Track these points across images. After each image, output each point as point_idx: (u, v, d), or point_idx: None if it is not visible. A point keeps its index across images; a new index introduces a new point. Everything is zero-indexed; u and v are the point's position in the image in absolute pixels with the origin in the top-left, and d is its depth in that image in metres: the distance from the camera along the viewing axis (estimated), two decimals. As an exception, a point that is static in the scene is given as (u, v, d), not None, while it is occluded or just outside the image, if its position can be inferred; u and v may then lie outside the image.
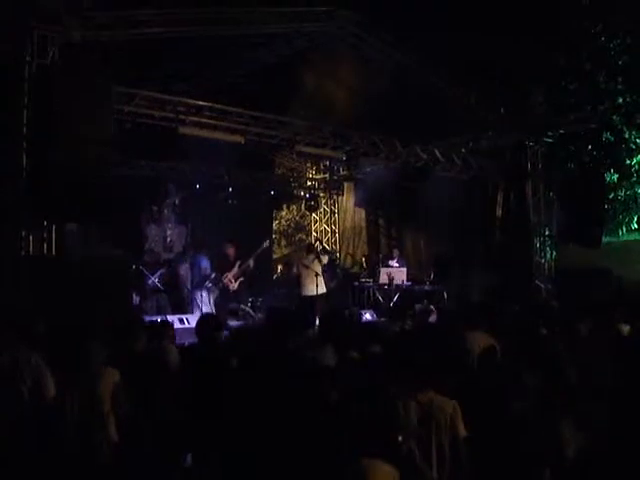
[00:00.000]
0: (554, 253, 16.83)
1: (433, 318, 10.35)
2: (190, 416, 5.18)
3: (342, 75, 15.36)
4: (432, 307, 13.42)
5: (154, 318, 11.06)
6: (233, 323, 12.92)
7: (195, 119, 12.80)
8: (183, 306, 14.60)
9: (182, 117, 12.59)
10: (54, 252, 9.83)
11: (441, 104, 14.74)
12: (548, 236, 16.68)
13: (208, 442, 4.90)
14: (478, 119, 15.66)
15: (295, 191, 20.90)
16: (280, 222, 21.70)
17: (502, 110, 15.96)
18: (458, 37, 13.36)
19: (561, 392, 4.55)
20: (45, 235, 9.82)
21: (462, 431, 4.39)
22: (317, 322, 8.76)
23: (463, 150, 16.66)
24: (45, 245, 9.81)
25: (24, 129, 9.47)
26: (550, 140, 16.27)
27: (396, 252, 17.77)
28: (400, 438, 3.89)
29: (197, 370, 5.78)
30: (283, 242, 21.76)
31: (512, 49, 14.44)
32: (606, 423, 4.32)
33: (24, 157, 9.36)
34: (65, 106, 9.27)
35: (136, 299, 13.92)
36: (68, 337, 6.40)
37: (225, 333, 7.37)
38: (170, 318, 12.08)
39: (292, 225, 21.84)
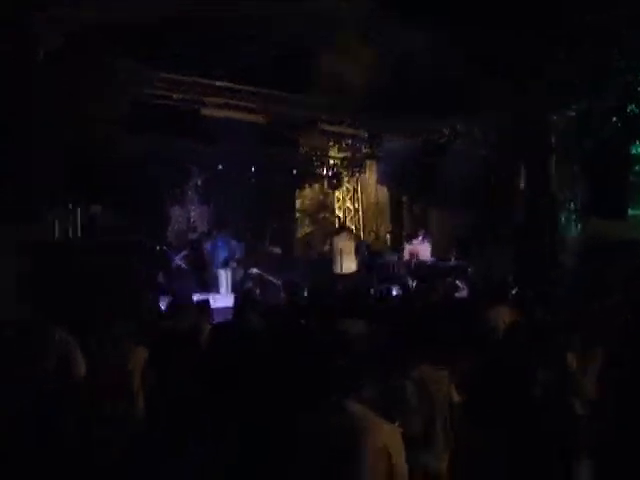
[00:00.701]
0: (579, 227, 16.70)
1: (462, 293, 10.40)
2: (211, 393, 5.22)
3: (361, 55, 15.31)
4: (458, 283, 13.49)
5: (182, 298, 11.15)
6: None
7: (215, 100, 12.80)
8: (208, 286, 14.71)
9: (202, 98, 12.60)
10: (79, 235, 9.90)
11: (461, 78, 14.66)
12: (572, 210, 16.54)
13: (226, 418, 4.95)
14: (499, 93, 15.54)
15: (318, 170, 20.87)
16: (303, 201, 21.69)
17: (524, 85, 15.82)
18: (477, 14, 13.25)
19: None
20: (70, 219, 9.91)
21: (455, 397, 4.45)
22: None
23: (484, 125, 16.56)
24: (71, 229, 9.88)
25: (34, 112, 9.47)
26: (573, 113, 16.11)
27: (421, 231, 17.74)
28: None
29: (228, 348, 5.82)
30: (306, 221, 21.76)
31: (536, 15, 14.30)
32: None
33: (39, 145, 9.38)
34: (74, 85, 9.28)
35: (162, 279, 14.08)
36: (97, 317, 6.50)
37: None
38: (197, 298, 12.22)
39: (315, 204, 21.82)
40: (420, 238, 17.16)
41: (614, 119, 16.15)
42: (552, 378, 4.42)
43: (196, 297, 10.95)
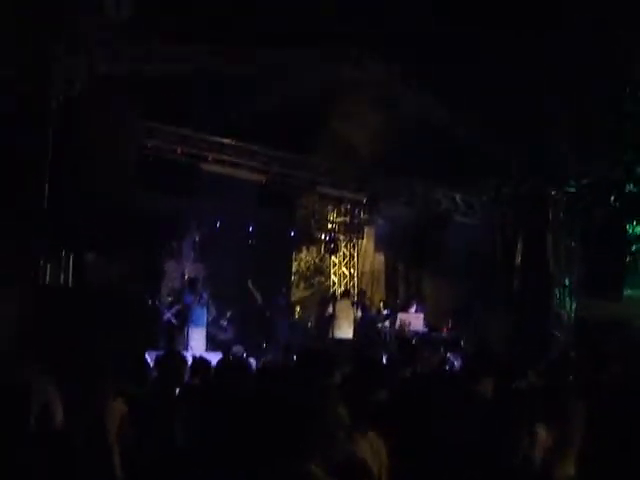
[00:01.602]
0: (573, 304, 16.65)
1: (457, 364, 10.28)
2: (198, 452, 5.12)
3: (365, 117, 15.43)
4: (449, 355, 13.36)
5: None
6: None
7: (217, 156, 12.84)
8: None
9: (205, 154, 12.62)
10: (71, 282, 9.84)
11: (463, 151, 14.79)
12: (568, 287, 16.51)
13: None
14: (500, 167, 15.66)
15: (315, 233, 20.86)
16: (299, 264, 21.64)
17: (526, 158, 15.94)
18: (481, 85, 13.39)
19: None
20: (63, 264, 9.86)
21: None
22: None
23: (484, 197, 16.65)
24: (62, 274, 9.83)
25: (47, 159, 9.54)
26: (572, 189, 16.19)
27: (413, 303, 17.66)
28: None
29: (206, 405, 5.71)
30: (302, 284, 21.67)
31: (537, 97, 14.45)
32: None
33: (46, 186, 9.40)
34: (89, 138, 9.35)
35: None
36: (81, 368, 6.39)
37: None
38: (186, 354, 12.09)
39: (311, 267, 21.76)
40: (413, 309, 17.07)
41: (612, 198, 16.24)
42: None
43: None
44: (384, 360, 13.82)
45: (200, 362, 7.14)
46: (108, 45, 10.29)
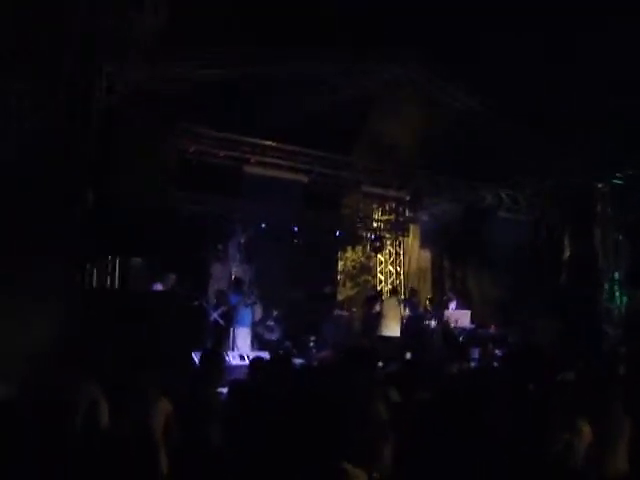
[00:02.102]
0: (624, 298, 16.43)
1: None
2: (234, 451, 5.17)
3: (407, 115, 15.40)
4: (497, 352, 13.31)
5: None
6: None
7: (259, 158, 12.92)
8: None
9: (247, 156, 12.71)
10: (117, 286, 9.99)
11: (506, 146, 14.70)
12: (617, 280, 16.30)
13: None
14: (544, 161, 15.53)
15: (361, 232, 20.88)
16: (345, 263, 21.66)
17: (570, 151, 15.77)
18: (522, 82, 13.29)
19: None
20: (109, 268, 10.01)
21: None
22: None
23: (529, 192, 16.53)
24: (109, 278, 9.99)
25: (92, 163, 9.69)
26: (619, 182, 15.98)
27: (453, 297, 17.63)
28: None
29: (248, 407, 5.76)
30: (348, 283, 21.70)
31: (582, 89, 14.29)
32: None
33: (90, 191, 9.55)
34: (130, 142, 9.48)
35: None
36: (127, 367, 6.51)
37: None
38: (231, 354, 12.24)
39: (357, 266, 21.78)
40: (453, 305, 17.04)
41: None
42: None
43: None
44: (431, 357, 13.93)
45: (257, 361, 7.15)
46: (148, 51, 10.41)
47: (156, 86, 10.90)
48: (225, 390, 6.30)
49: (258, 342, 14.95)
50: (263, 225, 18.11)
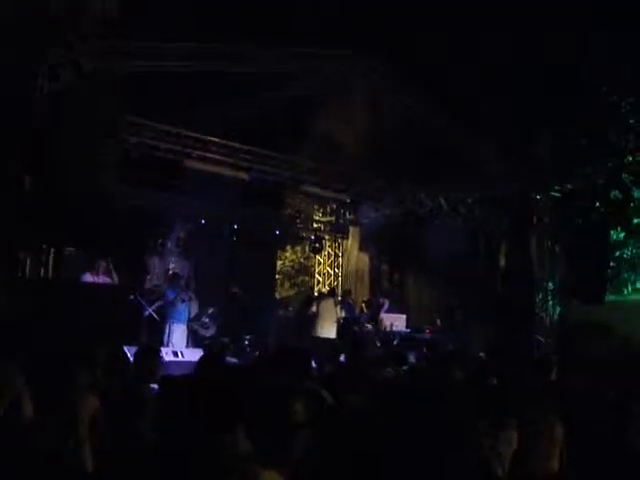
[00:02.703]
0: (557, 308, 16.70)
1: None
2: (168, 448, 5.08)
3: (350, 118, 15.43)
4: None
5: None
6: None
7: (201, 153, 12.78)
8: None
9: (188, 150, 12.56)
10: (50, 276, 9.80)
11: (448, 152, 14.83)
12: (551, 290, 16.56)
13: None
14: (485, 169, 15.70)
15: (300, 232, 20.88)
16: (284, 262, 21.65)
17: (511, 162, 15.97)
18: (469, 85, 13.42)
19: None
20: (43, 258, 9.82)
21: None
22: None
23: (469, 200, 16.70)
24: (42, 269, 9.79)
25: (29, 152, 9.49)
26: (557, 194, 16.23)
27: (385, 300, 17.70)
28: None
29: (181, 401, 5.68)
30: (287, 283, 21.69)
31: (525, 101, 14.50)
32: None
33: (27, 180, 9.35)
34: (72, 132, 9.30)
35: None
36: (55, 361, 6.36)
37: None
38: (164, 350, 12.07)
39: (296, 266, 21.77)
40: (385, 308, 17.13)
41: (597, 204, 16.30)
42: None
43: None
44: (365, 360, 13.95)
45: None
46: (93, 41, 10.25)
47: (101, 75, 10.74)
48: (156, 386, 6.22)
49: (193, 339, 14.80)
50: (203, 221, 17.97)
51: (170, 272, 17.24)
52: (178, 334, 14.20)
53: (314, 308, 15.47)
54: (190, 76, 12.00)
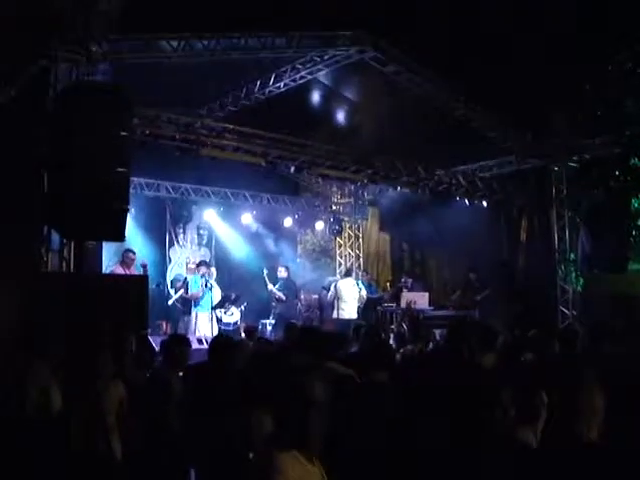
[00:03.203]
0: (580, 279, 16.63)
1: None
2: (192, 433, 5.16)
3: (364, 99, 15.44)
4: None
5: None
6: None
7: (216, 141, 12.80)
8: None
9: (203, 139, 12.59)
10: (72, 269, 9.89)
11: (464, 129, 14.80)
12: (573, 262, 16.49)
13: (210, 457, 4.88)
14: (502, 144, 15.65)
15: (320, 215, 20.91)
16: (305, 246, 21.67)
17: (527, 135, 15.89)
18: (482, 62, 13.34)
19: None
20: (65, 253, 9.91)
21: None
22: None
23: (487, 174, 16.65)
24: (64, 262, 9.89)
25: (46, 148, 9.55)
26: (575, 165, 16.13)
27: (407, 279, 17.71)
28: None
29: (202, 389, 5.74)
30: (308, 266, 21.72)
31: (539, 74, 14.38)
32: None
33: (45, 175, 9.41)
34: (85, 127, 9.33)
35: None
36: (80, 350, 6.46)
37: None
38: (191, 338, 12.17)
39: (317, 249, 21.79)
40: (408, 287, 17.14)
41: (617, 172, 16.14)
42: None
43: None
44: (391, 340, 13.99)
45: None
46: (103, 36, 10.30)
47: (112, 69, 10.80)
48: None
49: (218, 325, 14.90)
50: (221, 208, 18.09)
51: (191, 261, 17.40)
52: (203, 321, 14.30)
53: (333, 290, 15.52)
54: (202, 65, 12.08)
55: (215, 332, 13.82)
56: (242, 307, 15.84)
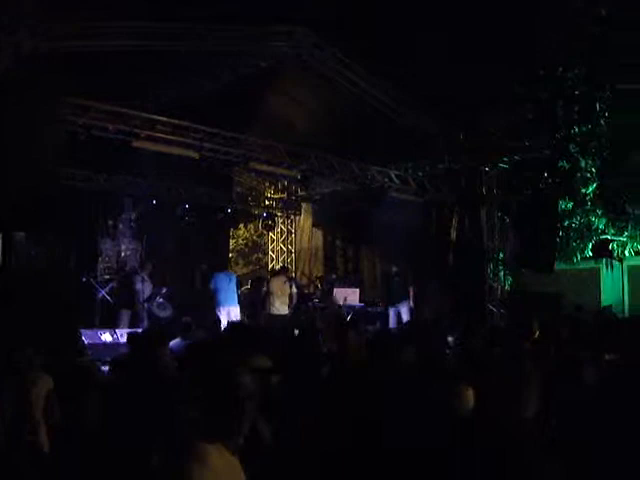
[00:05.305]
0: (508, 278, 16.95)
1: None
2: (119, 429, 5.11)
3: (300, 95, 15.46)
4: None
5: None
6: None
7: (150, 133, 12.65)
8: (136, 321, 14.47)
9: (137, 131, 12.43)
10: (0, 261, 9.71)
11: (398, 127, 14.93)
12: (501, 260, 16.79)
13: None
14: (435, 143, 15.84)
15: (253, 210, 20.88)
16: (237, 241, 21.63)
17: (459, 135, 16.11)
18: (416, 61, 13.45)
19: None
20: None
21: None
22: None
23: (420, 173, 16.83)
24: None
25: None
26: (505, 166, 16.41)
27: (332, 276, 17.87)
28: None
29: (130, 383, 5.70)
30: (241, 261, 21.69)
31: (471, 76, 14.57)
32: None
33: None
34: (15, 116, 9.18)
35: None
36: (5, 342, 6.35)
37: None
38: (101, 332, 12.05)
39: (249, 244, 21.78)
40: (332, 283, 17.29)
41: (545, 174, 16.50)
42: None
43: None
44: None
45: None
46: (35, 22, 10.08)
47: (45, 57, 10.58)
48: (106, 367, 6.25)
49: (149, 320, 14.76)
50: (154, 201, 17.90)
51: (122, 255, 17.24)
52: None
53: (265, 286, 15.56)
54: (137, 55, 11.90)
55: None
56: (173, 301, 15.72)
